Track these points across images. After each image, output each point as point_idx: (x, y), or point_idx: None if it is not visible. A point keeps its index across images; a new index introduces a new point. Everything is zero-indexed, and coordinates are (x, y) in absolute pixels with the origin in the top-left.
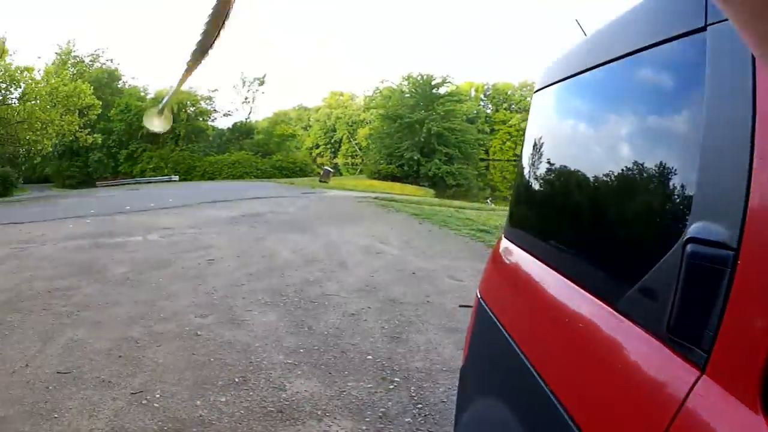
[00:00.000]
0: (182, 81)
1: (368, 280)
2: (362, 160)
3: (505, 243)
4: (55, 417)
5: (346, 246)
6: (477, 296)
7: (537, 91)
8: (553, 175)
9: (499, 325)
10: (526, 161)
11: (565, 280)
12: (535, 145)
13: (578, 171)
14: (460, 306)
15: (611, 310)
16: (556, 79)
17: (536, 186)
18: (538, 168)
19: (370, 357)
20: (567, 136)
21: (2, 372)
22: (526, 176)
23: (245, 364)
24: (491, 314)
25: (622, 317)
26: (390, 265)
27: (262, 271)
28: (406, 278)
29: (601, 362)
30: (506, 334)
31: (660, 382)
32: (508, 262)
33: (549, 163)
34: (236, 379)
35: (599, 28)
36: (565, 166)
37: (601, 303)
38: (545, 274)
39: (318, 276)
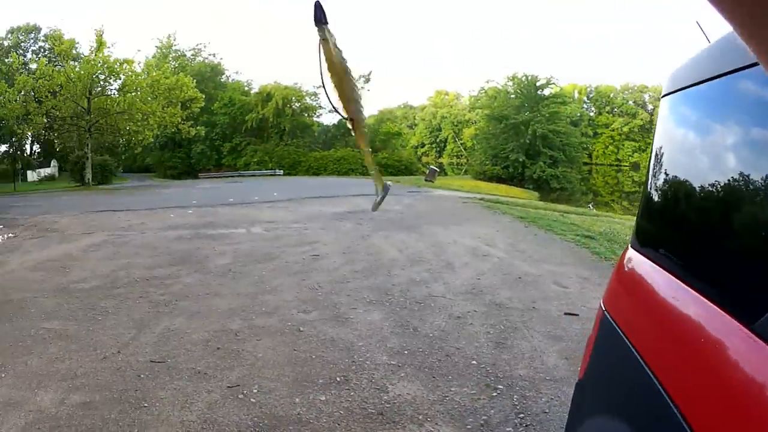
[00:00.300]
0: (361, 140)
1: (474, 282)
2: (467, 160)
3: (631, 254)
4: (145, 406)
5: (452, 247)
6: (601, 308)
7: (664, 96)
8: (684, 184)
9: (625, 339)
10: (653, 170)
11: (699, 295)
12: (662, 152)
13: (711, 180)
14: (565, 314)
15: (748, 331)
16: (687, 84)
17: (666, 196)
18: (667, 177)
19: (474, 362)
20: (699, 143)
21: (92, 357)
22: (655, 185)
23: (347, 362)
24: (616, 327)
25: (757, 338)
26: (496, 269)
27: (367, 269)
28: (512, 282)
29: (737, 386)
30: (633, 349)
31: None
32: (635, 274)
33: (680, 171)
34: (338, 378)
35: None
36: (698, 175)
37: (738, 323)
38: (677, 288)
39: (424, 276)
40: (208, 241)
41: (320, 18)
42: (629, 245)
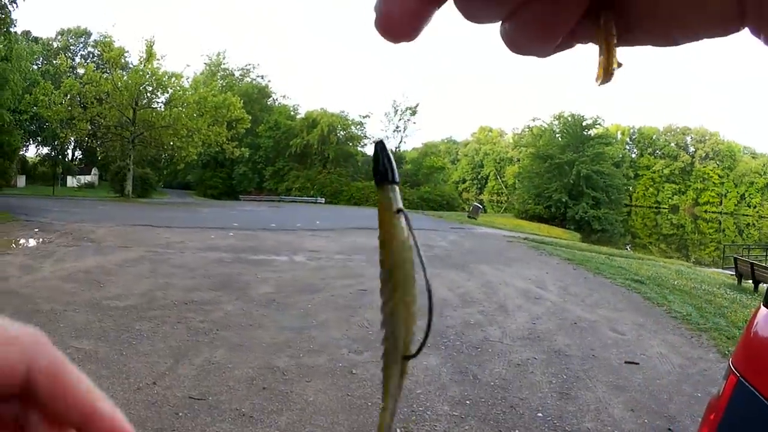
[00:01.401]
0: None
1: (530, 327)
2: (507, 198)
3: (766, 313)
4: None
5: (503, 288)
6: (731, 369)
7: None
8: None
9: (764, 401)
10: None
11: None
12: None
13: None
14: (626, 362)
15: None
16: None
17: None
18: None
19: (540, 414)
20: None
21: (125, 386)
22: None
23: (407, 412)
24: (753, 389)
25: None
26: (551, 312)
27: (418, 308)
28: (569, 328)
29: None
30: None
31: None
32: None
33: None
34: (397, 430)
35: None
36: None
37: None
38: None
39: (478, 318)
40: (249, 267)
41: (386, 175)
42: (762, 304)
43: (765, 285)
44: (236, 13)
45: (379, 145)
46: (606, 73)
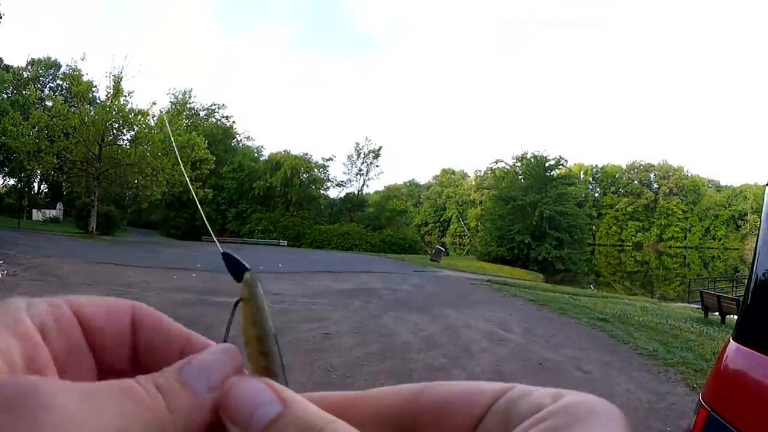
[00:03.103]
0: None
1: (495, 369)
2: (470, 240)
3: (736, 347)
4: None
5: (467, 330)
6: (703, 405)
7: None
8: None
9: None
10: (764, 258)
11: None
12: None
13: None
14: None
15: None
16: None
17: None
18: None
19: None
20: None
21: None
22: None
23: None
24: (726, 423)
25: None
26: (515, 354)
27: (382, 351)
28: (534, 369)
29: None
30: None
31: None
32: (746, 367)
33: None
34: None
35: None
36: None
37: None
38: None
39: (442, 362)
40: (213, 308)
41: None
42: (731, 338)
43: (733, 316)
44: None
45: (224, 256)
46: None
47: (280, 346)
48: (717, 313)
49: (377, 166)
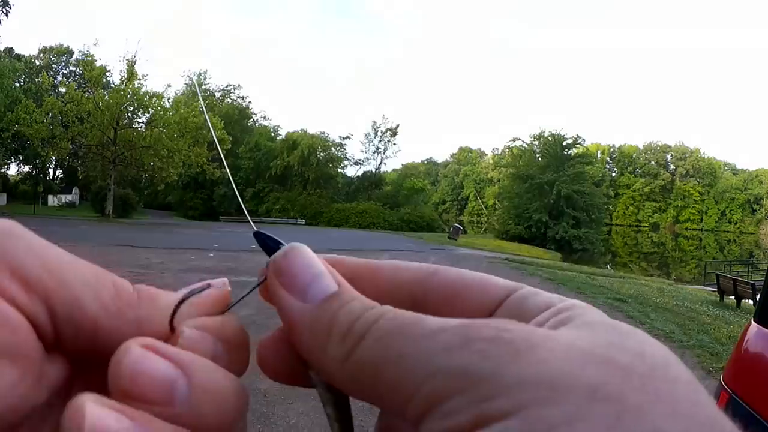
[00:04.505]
0: None
1: None
2: (487, 218)
3: (757, 329)
4: None
5: None
6: (723, 386)
7: None
8: None
9: (755, 415)
10: None
11: None
12: None
13: None
14: None
15: None
16: None
17: None
18: None
19: None
20: None
21: None
22: None
23: None
24: (748, 407)
25: None
26: None
27: None
28: None
29: None
30: None
31: None
32: (766, 349)
33: None
34: None
35: None
36: None
37: None
38: None
39: None
40: (230, 288)
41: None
42: (752, 320)
43: (748, 301)
44: (218, 34)
45: (257, 236)
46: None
47: None
48: (732, 297)
49: (395, 144)
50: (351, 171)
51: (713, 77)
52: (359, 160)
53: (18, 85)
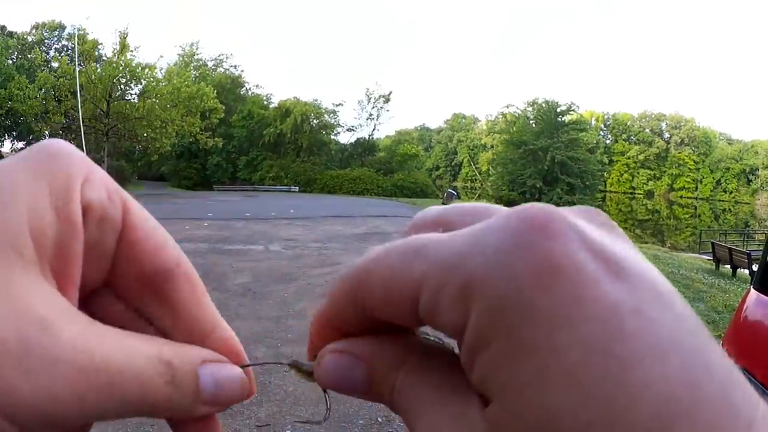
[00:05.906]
0: None
1: None
2: (481, 184)
3: (756, 296)
4: None
5: None
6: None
7: None
8: None
9: (754, 381)
10: None
11: None
12: None
13: None
14: None
15: None
16: None
17: None
18: None
19: None
20: None
21: None
22: None
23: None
24: (747, 373)
25: None
26: None
27: None
28: None
29: None
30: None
31: None
32: (766, 316)
33: None
34: (379, 419)
35: None
36: None
37: None
38: None
39: None
40: (225, 257)
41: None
42: (750, 287)
43: (744, 270)
44: (209, 3)
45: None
46: None
47: (294, 291)
48: (728, 266)
49: (388, 110)
50: (344, 138)
51: (707, 46)
52: (352, 126)
53: (11, 62)
